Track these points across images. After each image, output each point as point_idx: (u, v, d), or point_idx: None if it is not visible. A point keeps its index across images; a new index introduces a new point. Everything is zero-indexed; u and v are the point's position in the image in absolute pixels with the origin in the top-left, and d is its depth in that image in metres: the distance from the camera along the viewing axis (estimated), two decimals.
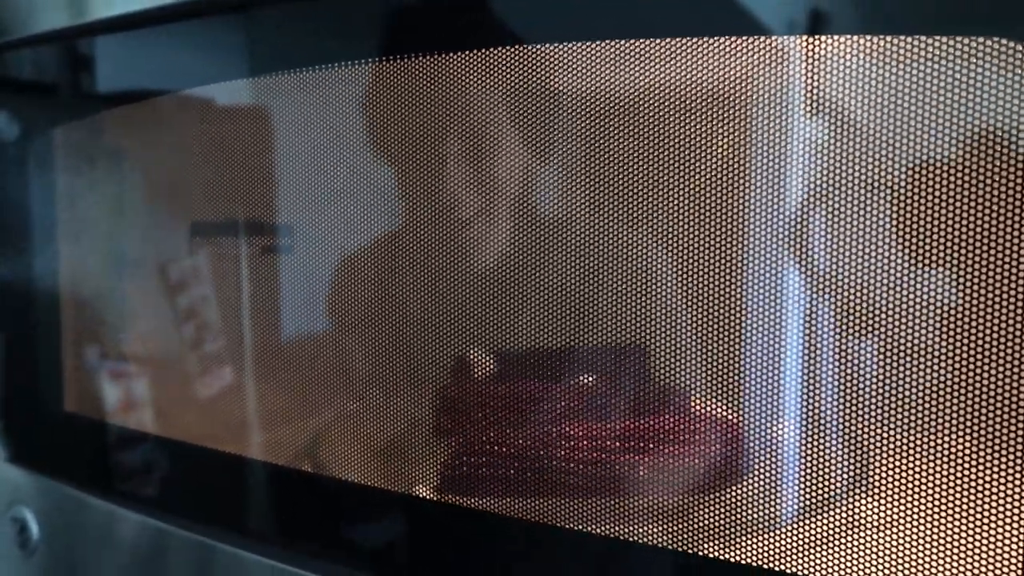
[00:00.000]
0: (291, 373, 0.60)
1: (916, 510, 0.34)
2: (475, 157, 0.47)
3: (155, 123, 0.62)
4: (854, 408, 0.36)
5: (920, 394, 0.34)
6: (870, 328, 0.35)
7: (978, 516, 0.33)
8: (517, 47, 0.42)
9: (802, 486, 0.37)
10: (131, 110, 0.62)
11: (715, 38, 0.37)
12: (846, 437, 0.36)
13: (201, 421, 0.64)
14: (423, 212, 0.49)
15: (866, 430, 0.35)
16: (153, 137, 0.63)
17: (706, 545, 0.39)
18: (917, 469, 0.34)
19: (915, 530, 0.34)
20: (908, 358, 0.34)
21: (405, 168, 0.49)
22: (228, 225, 0.59)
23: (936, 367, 0.33)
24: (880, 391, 0.35)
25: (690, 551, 0.39)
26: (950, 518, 0.33)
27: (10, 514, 0.68)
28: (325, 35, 0.49)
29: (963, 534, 0.33)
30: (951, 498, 0.33)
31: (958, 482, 0.33)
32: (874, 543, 0.35)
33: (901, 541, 0.34)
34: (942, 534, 0.33)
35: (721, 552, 0.38)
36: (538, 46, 0.42)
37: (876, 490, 0.35)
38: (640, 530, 0.41)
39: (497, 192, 0.48)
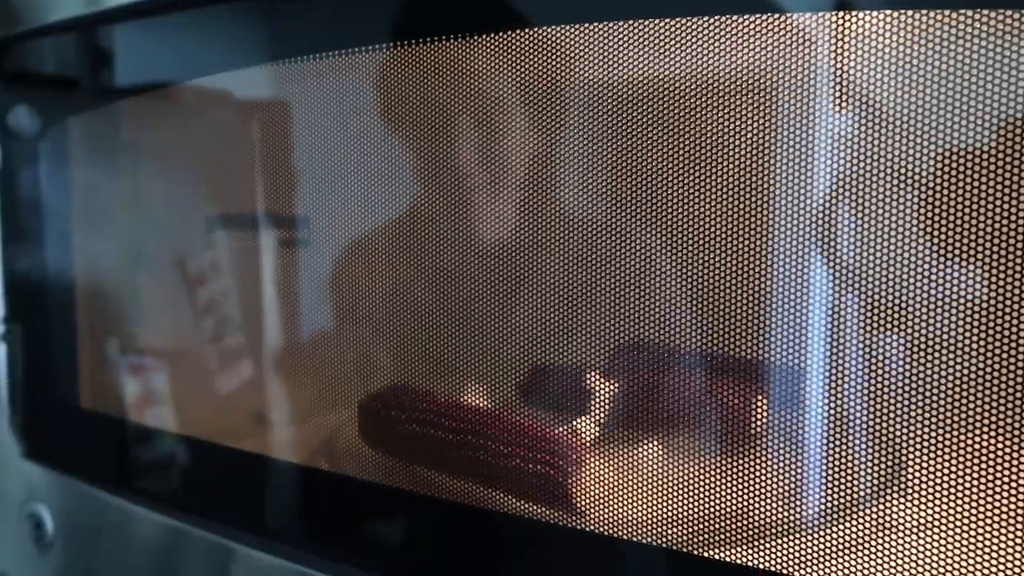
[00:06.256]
0: (312, 367, 0.59)
1: (950, 513, 0.32)
2: (484, 131, 0.47)
3: (172, 113, 0.61)
4: (883, 407, 0.34)
5: (954, 392, 0.32)
6: (904, 324, 0.33)
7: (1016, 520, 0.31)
8: (530, 30, 0.41)
9: (828, 488, 0.36)
10: (148, 100, 0.61)
11: (732, 17, 0.36)
12: (876, 436, 0.35)
13: (220, 417, 0.64)
14: (438, 196, 0.49)
15: (897, 429, 0.34)
16: (171, 128, 0.62)
17: (723, 549, 0.37)
18: (951, 470, 0.32)
19: (948, 535, 0.32)
20: (941, 355, 0.32)
21: (419, 146, 0.49)
22: (247, 217, 0.59)
23: (971, 363, 0.32)
24: (911, 389, 0.33)
25: (706, 555, 0.38)
26: (985, 523, 0.32)
27: (26, 510, 0.68)
28: (343, 21, 0.48)
29: (998, 540, 0.31)
30: (988, 502, 0.32)
31: (996, 485, 0.31)
32: (904, 549, 0.33)
33: (933, 546, 0.33)
34: (976, 540, 0.32)
35: (739, 557, 0.37)
36: (549, 28, 0.41)
37: (908, 493, 0.34)
38: (652, 533, 0.39)
39: (504, 167, 0.48)
